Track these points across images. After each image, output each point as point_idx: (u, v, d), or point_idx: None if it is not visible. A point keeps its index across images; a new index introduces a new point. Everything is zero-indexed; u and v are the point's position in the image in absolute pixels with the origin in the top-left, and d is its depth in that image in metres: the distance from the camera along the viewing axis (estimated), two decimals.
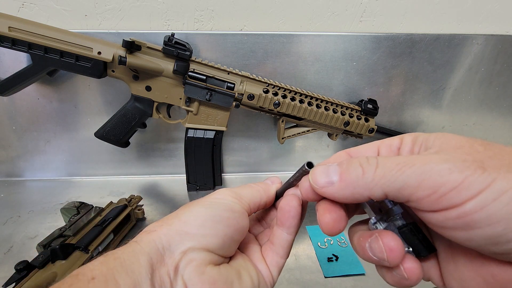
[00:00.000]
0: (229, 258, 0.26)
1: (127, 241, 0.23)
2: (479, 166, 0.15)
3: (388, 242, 0.20)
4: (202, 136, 0.63)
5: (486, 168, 0.15)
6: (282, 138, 0.66)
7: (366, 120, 0.65)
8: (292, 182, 0.27)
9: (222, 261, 0.25)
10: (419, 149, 0.21)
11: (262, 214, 0.32)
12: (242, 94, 0.58)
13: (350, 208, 0.24)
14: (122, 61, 0.52)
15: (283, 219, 0.27)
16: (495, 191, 0.15)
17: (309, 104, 0.61)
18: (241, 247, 0.28)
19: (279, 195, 0.29)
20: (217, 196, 0.26)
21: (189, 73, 0.56)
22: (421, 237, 0.21)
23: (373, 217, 0.22)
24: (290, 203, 0.26)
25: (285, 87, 0.60)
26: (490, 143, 0.17)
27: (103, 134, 0.61)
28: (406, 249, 0.21)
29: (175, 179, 0.74)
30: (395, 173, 0.17)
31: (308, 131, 0.66)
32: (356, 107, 0.65)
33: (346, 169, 0.20)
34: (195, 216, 0.24)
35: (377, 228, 0.22)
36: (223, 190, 0.27)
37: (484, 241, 0.16)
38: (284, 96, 0.60)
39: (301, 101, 0.61)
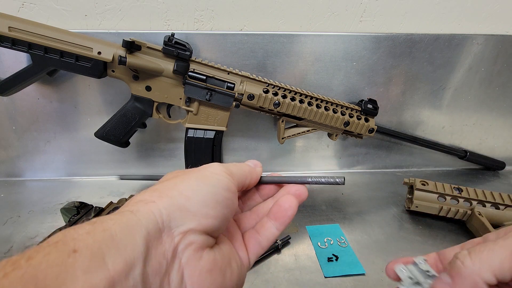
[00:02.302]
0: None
1: (119, 205, 0.22)
2: None
3: None
4: (202, 136, 0.63)
5: None
6: (282, 138, 0.66)
7: (366, 120, 0.65)
8: (298, 180, 0.28)
9: (214, 243, 0.24)
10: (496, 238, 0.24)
11: (240, 195, 0.31)
12: (242, 94, 0.58)
13: None
14: (122, 61, 0.52)
15: (279, 215, 0.27)
16: None
17: (309, 104, 0.61)
18: None
19: (263, 181, 0.30)
20: (213, 170, 0.25)
21: (189, 73, 0.56)
22: None
23: None
24: (291, 203, 0.27)
25: (285, 87, 0.60)
26: None
27: (103, 134, 0.61)
28: None
29: None
30: (488, 253, 0.21)
31: (308, 131, 0.66)
32: (356, 107, 0.65)
33: (450, 268, 0.23)
34: (196, 192, 0.22)
35: None
36: (216, 165, 0.26)
37: None
38: (284, 96, 0.60)
39: (301, 101, 0.61)
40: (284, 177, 0.29)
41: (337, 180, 0.26)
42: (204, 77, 0.57)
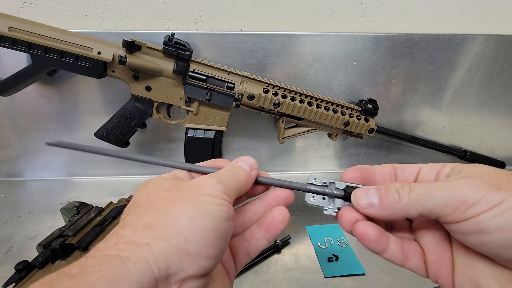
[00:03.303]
0: None
1: (103, 242, 0.17)
2: (495, 187, 0.19)
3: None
4: (202, 136, 0.63)
5: (501, 189, 0.19)
6: (282, 138, 0.66)
7: (366, 120, 0.65)
8: (296, 187, 0.27)
9: (208, 280, 0.22)
10: (453, 174, 0.23)
11: None
12: (242, 94, 0.58)
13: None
14: (122, 61, 0.52)
15: (272, 227, 0.26)
16: (506, 205, 0.18)
17: (309, 104, 0.61)
18: None
19: (258, 181, 0.27)
20: (210, 193, 0.21)
21: (189, 73, 0.56)
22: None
23: (328, 208, 0.26)
24: (284, 216, 0.26)
25: (285, 87, 0.60)
26: None
27: (103, 134, 0.61)
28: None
29: None
30: (425, 197, 0.21)
31: (308, 131, 0.66)
32: (356, 107, 0.65)
33: (385, 194, 0.23)
34: (196, 228, 0.19)
35: (336, 210, 0.25)
36: (211, 182, 0.22)
37: (495, 245, 0.19)
38: (284, 96, 0.60)
39: (301, 101, 0.61)
40: (282, 180, 0.27)
41: (335, 192, 0.26)
42: (204, 77, 0.57)
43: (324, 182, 0.27)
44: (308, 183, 0.27)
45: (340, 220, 0.25)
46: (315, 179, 0.27)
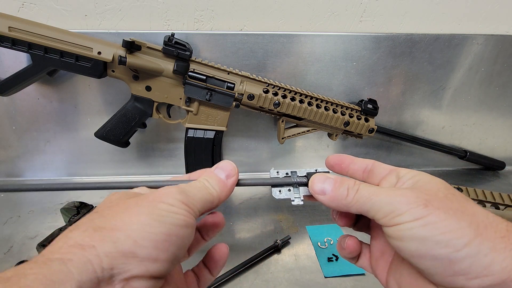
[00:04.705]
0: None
1: (50, 246, 0.17)
2: (424, 203, 0.21)
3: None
4: (202, 136, 0.63)
5: (428, 205, 0.21)
6: (282, 138, 0.66)
7: (366, 120, 0.65)
8: (270, 183, 0.28)
9: (161, 284, 0.21)
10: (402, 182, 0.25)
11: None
12: (242, 94, 0.58)
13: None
14: (122, 61, 0.52)
15: (214, 266, 0.28)
16: (424, 221, 0.21)
17: (309, 104, 0.61)
18: None
19: (240, 184, 0.27)
20: (168, 202, 0.21)
21: (189, 73, 0.56)
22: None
23: (295, 198, 0.28)
24: (224, 252, 0.28)
25: (285, 87, 0.60)
26: (456, 194, 0.23)
27: (103, 134, 0.61)
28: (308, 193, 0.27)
29: None
30: (365, 200, 0.23)
31: (308, 131, 0.66)
32: (356, 107, 0.65)
33: (337, 187, 0.25)
34: (147, 232, 0.19)
35: (301, 198, 0.27)
36: (171, 192, 0.22)
37: (407, 251, 0.21)
38: (284, 96, 0.60)
39: (301, 101, 0.61)
40: (260, 179, 0.29)
41: (298, 180, 0.27)
42: (204, 77, 0.57)
43: (287, 173, 0.28)
44: (271, 177, 0.28)
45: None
46: (277, 172, 0.28)
